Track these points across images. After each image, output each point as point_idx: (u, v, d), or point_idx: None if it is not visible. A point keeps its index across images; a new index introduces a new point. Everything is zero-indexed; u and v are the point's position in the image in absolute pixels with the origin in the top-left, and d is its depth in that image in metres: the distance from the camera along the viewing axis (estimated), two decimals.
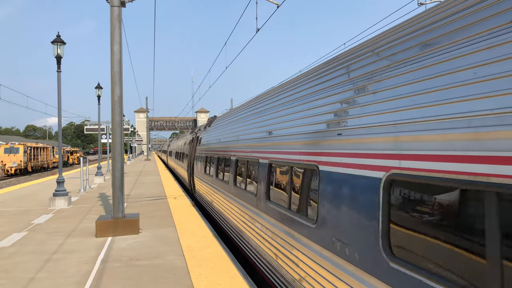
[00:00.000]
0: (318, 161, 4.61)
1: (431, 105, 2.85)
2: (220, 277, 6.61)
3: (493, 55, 2.44)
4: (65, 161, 63.41)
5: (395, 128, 3.21)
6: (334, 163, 4.19)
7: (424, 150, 2.85)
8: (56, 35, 15.16)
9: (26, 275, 6.92)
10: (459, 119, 2.57)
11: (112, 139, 10.43)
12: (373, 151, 3.49)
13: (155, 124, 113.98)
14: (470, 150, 2.45)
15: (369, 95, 3.74)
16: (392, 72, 3.47)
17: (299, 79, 6.29)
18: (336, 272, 4.00)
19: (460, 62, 2.70)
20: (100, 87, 27.24)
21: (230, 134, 10.44)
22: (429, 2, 12.64)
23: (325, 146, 4.50)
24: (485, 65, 2.48)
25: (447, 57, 2.84)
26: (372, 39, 4.30)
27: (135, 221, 10.06)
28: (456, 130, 2.58)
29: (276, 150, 6.23)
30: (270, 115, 6.96)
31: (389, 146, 3.26)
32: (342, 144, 4.08)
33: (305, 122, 5.21)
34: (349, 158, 3.89)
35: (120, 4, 10.29)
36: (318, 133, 4.74)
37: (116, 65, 10.24)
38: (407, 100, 3.13)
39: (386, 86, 3.49)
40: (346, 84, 4.33)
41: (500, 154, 2.26)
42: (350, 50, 4.78)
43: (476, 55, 2.58)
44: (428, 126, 2.84)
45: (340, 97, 4.36)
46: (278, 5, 11.84)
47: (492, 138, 2.32)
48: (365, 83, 3.88)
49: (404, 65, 3.34)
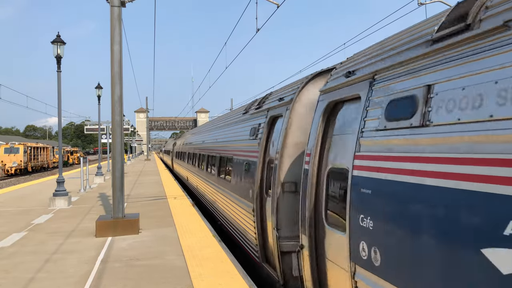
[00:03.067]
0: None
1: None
2: (220, 277, 6.61)
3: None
4: (65, 161, 63.42)
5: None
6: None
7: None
8: (56, 35, 15.17)
9: (26, 275, 6.92)
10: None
11: (112, 139, 10.44)
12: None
13: (155, 124, 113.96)
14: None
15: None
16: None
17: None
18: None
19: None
20: (100, 87, 27.25)
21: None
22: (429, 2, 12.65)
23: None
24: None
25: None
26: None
27: (135, 221, 10.06)
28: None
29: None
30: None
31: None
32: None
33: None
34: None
35: (120, 4, 10.29)
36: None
37: (116, 65, 10.24)
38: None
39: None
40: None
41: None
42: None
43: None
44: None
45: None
46: (278, 5, 11.84)
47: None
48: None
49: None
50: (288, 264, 6.29)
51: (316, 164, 4.90)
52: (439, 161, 2.81)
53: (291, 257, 6.22)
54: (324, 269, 4.73)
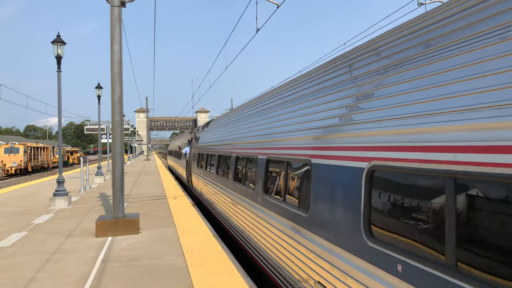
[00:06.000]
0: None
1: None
2: (220, 277, 6.62)
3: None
4: (65, 161, 63.42)
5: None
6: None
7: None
8: (56, 35, 15.17)
9: (26, 275, 6.92)
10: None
11: (112, 139, 10.44)
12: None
13: (155, 124, 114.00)
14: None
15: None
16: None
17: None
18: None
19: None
20: (100, 87, 27.23)
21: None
22: (429, 2, 12.64)
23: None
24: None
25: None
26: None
27: (135, 221, 10.06)
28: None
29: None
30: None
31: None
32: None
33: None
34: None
35: (120, 4, 10.30)
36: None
37: (116, 65, 10.25)
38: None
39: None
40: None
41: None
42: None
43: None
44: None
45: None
46: (278, 5, 11.85)
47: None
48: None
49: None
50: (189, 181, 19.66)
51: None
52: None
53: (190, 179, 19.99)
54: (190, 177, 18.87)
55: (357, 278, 3.77)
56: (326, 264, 4.43)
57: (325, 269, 4.45)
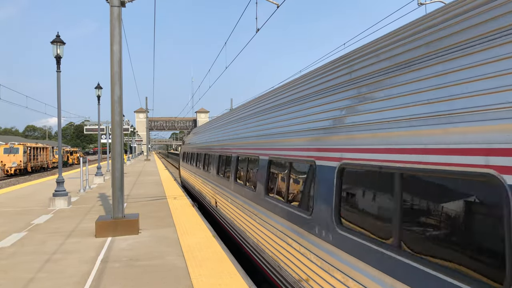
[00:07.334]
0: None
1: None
2: (220, 277, 6.61)
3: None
4: (65, 161, 63.34)
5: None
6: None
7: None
8: (55, 35, 15.16)
9: (26, 275, 6.91)
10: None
11: (112, 139, 10.43)
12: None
13: (155, 124, 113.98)
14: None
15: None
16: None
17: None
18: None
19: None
20: (100, 87, 27.22)
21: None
22: (429, 2, 12.65)
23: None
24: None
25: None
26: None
27: (135, 221, 10.05)
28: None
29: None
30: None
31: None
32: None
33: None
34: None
35: (120, 4, 10.28)
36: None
37: (116, 65, 10.23)
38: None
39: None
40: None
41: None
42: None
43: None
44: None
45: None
46: (278, 5, 11.84)
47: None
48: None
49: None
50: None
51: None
52: None
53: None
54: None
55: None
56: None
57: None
